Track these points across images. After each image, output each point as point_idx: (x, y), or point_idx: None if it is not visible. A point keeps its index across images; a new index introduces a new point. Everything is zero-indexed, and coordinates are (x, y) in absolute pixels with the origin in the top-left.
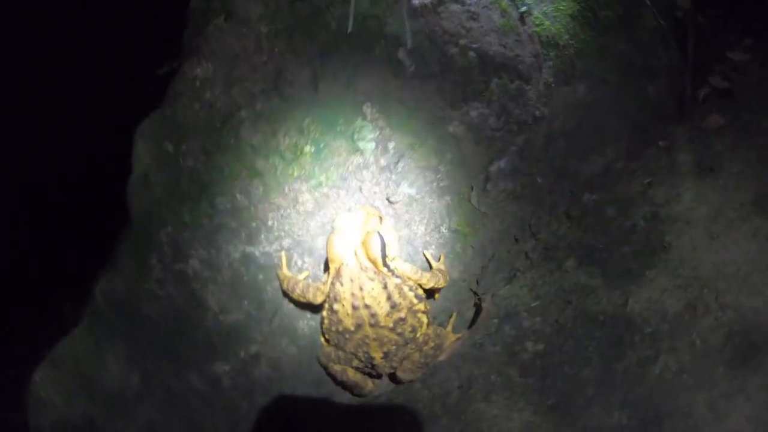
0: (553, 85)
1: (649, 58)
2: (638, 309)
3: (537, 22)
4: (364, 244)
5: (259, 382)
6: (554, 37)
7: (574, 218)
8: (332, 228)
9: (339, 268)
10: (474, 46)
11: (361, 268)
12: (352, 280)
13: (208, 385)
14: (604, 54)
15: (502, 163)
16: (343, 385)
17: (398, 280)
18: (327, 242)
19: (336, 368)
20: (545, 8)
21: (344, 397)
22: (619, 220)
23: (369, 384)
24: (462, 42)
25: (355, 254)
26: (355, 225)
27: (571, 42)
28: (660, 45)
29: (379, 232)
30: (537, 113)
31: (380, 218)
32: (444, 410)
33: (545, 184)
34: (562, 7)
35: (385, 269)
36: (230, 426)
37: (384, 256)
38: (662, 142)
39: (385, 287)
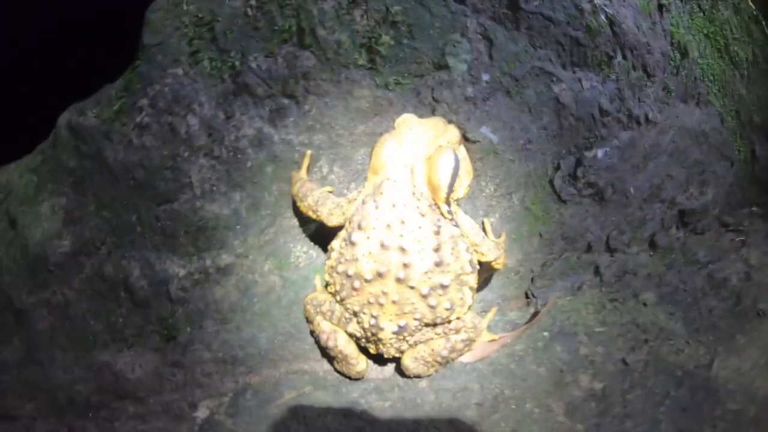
0: (672, 94)
1: (767, 117)
2: (724, 377)
3: (673, 23)
4: (430, 160)
5: (215, 305)
6: (685, 46)
7: (659, 249)
8: (390, 129)
9: (381, 184)
10: (608, 10)
11: (414, 194)
12: (394, 206)
13: (151, 285)
14: (726, 89)
15: (599, 153)
16: (327, 353)
17: (457, 231)
18: (376, 144)
19: (323, 326)
20: (683, 15)
21: (320, 367)
22: (709, 269)
23: (361, 363)
24: (597, 0)
25: (411, 171)
26: (424, 132)
27: (699, 60)
28: None
29: (455, 153)
30: (650, 115)
31: (460, 140)
32: (449, 430)
33: (637, 199)
34: (698, 23)
35: (445, 208)
36: (157, 347)
37: (451, 190)
38: (756, 208)
39: (438, 233)
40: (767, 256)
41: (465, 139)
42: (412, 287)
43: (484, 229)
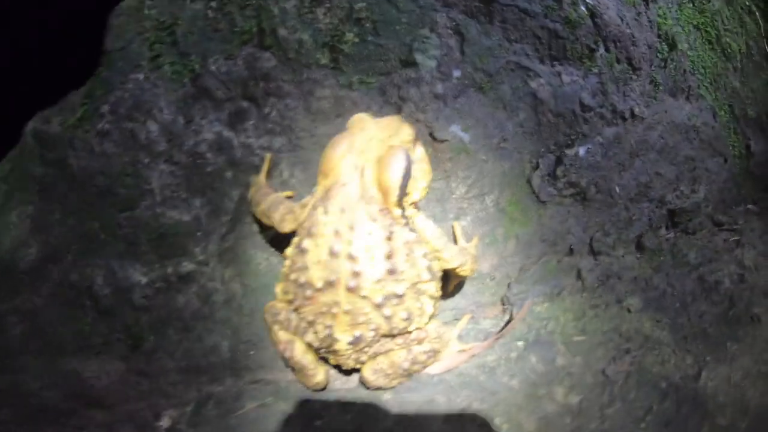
0: (660, 88)
1: (762, 111)
2: (712, 388)
3: (660, 13)
4: (380, 162)
5: (178, 314)
6: (673, 38)
7: (646, 250)
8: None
9: (330, 188)
10: (589, 0)
11: (363, 198)
12: (343, 211)
13: (114, 293)
14: (718, 83)
15: (581, 151)
16: (286, 363)
17: (412, 236)
18: (327, 146)
19: (281, 335)
20: (671, 6)
21: (283, 377)
22: (700, 271)
23: (319, 375)
24: None
25: (361, 174)
26: (376, 133)
27: (688, 52)
28: None
29: (407, 153)
30: (636, 110)
31: (415, 139)
32: None
33: (623, 198)
34: (687, 13)
35: (398, 212)
36: (123, 355)
37: (403, 192)
38: (752, 206)
39: (390, 239)
40: (763, 257)
41: (432, 138)
42: (364, 297)
43: (454, 234)
